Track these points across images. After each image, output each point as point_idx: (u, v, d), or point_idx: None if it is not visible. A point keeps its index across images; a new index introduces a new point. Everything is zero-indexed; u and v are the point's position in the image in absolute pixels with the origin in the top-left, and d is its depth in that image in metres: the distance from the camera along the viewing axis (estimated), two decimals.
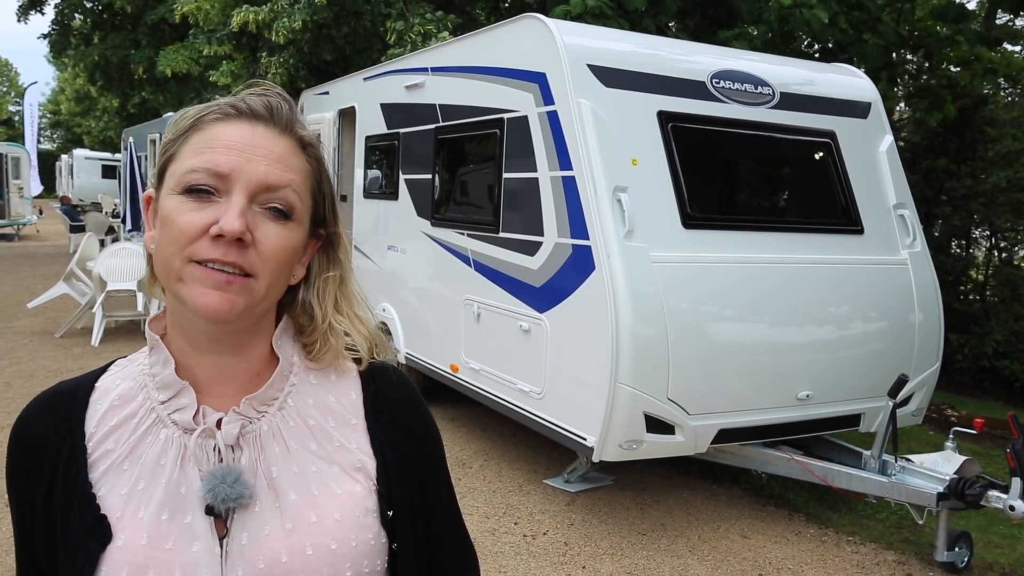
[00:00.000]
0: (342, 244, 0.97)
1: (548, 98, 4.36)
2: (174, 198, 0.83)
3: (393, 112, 6.35)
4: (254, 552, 0.85)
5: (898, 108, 9.47)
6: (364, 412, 0.96)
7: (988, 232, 8.47)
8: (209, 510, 0.85)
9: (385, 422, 0.97)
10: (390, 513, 0.92)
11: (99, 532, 0.84)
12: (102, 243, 10.21)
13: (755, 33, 7.56)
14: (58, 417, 0.90)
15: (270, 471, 0.89)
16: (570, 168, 4.18)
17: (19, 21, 16.80)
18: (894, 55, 8.22)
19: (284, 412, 0.92)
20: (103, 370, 0.96)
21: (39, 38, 18.19)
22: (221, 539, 0.85)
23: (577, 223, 4.14)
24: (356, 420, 0.96)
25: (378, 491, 0.92)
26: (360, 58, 9.96)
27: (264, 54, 10.11)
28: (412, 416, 1.00)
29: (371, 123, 6.73)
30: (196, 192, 0.82)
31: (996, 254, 8.47)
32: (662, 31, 8.16)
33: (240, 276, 0.82)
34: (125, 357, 0.97)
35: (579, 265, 4.13)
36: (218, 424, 0.88)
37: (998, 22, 9.92)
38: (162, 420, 0.89)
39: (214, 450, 0.88)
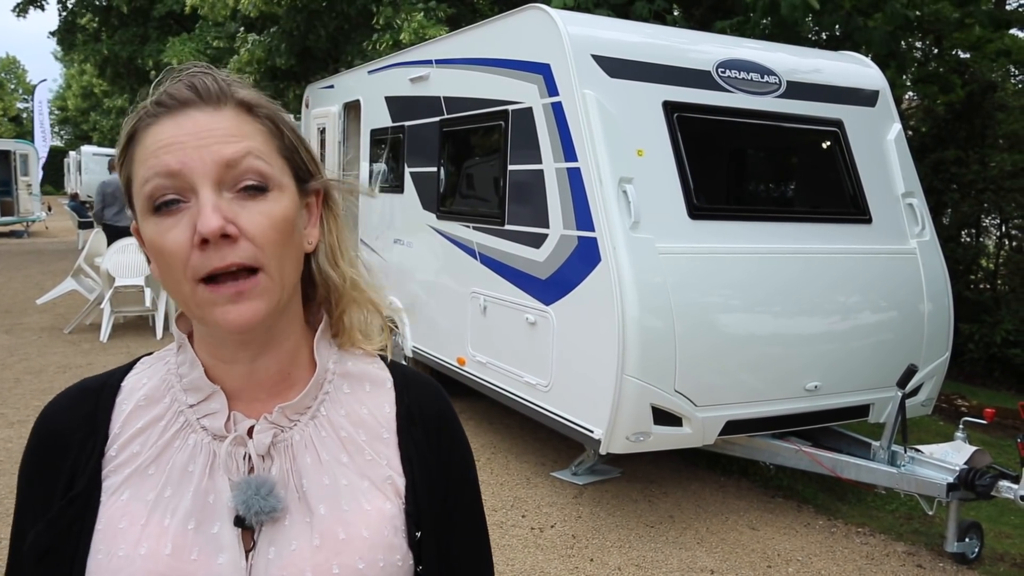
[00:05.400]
0: (332, 195, 0.92)
1: (552, 89, 4.34)
2: (149, 222, 0.79)
3: (398, 105, 6.33)
4: (279, 568, 0.82)
5: (906, 97, 9.38)
6: (396, 427, 0.92)
7: (998, 220, 8.40)
8: (238, 521, 0.82)
9: (417, 438, 0.93)
10: (418, 534, 0.89)
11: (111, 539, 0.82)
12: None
13: (749, 22, 7.40)
14: (81, 415, 0.87)
15: (301, 483, 0.85)
16: (575, 159, 4.16)
17: (18, 17, 16.75)
18: (902, 43, 8.10)
19: (316, 422, 0.88)
20: (129, 367, 0.92)
21: (49, 35, 18.17)
22: (247, 552, 0.82)
23: (583, 215, 4.12)
24: (388, 435, 0.92)
25: (406, 511, 0.89)
26: (347, 42, 9.93)
27: (242, 31, 10.09)
28: (445, 432, 0.96)
29: (376, 116, 6.72)
30: (164, 206, 0.78)
31: (1007, 242, 8.40)
32: (660, 17, 8.06)
33: (247, 277, 0.77)
34: (151, 354, 0.94)
35: (585, 257, 4.11)
36: (249, 432, 0.85)
37: (1008, 8, 9.81)
38: (190, 424, 0.86)
39: (244, 459, 0.84)
